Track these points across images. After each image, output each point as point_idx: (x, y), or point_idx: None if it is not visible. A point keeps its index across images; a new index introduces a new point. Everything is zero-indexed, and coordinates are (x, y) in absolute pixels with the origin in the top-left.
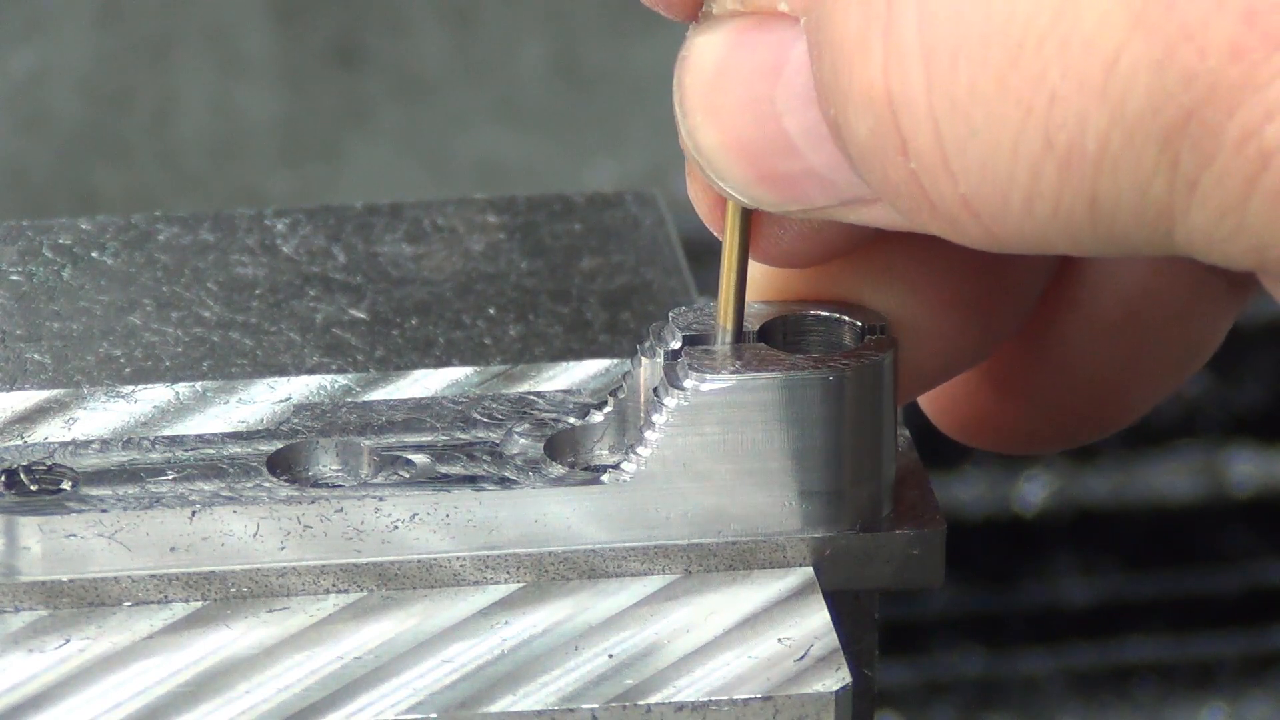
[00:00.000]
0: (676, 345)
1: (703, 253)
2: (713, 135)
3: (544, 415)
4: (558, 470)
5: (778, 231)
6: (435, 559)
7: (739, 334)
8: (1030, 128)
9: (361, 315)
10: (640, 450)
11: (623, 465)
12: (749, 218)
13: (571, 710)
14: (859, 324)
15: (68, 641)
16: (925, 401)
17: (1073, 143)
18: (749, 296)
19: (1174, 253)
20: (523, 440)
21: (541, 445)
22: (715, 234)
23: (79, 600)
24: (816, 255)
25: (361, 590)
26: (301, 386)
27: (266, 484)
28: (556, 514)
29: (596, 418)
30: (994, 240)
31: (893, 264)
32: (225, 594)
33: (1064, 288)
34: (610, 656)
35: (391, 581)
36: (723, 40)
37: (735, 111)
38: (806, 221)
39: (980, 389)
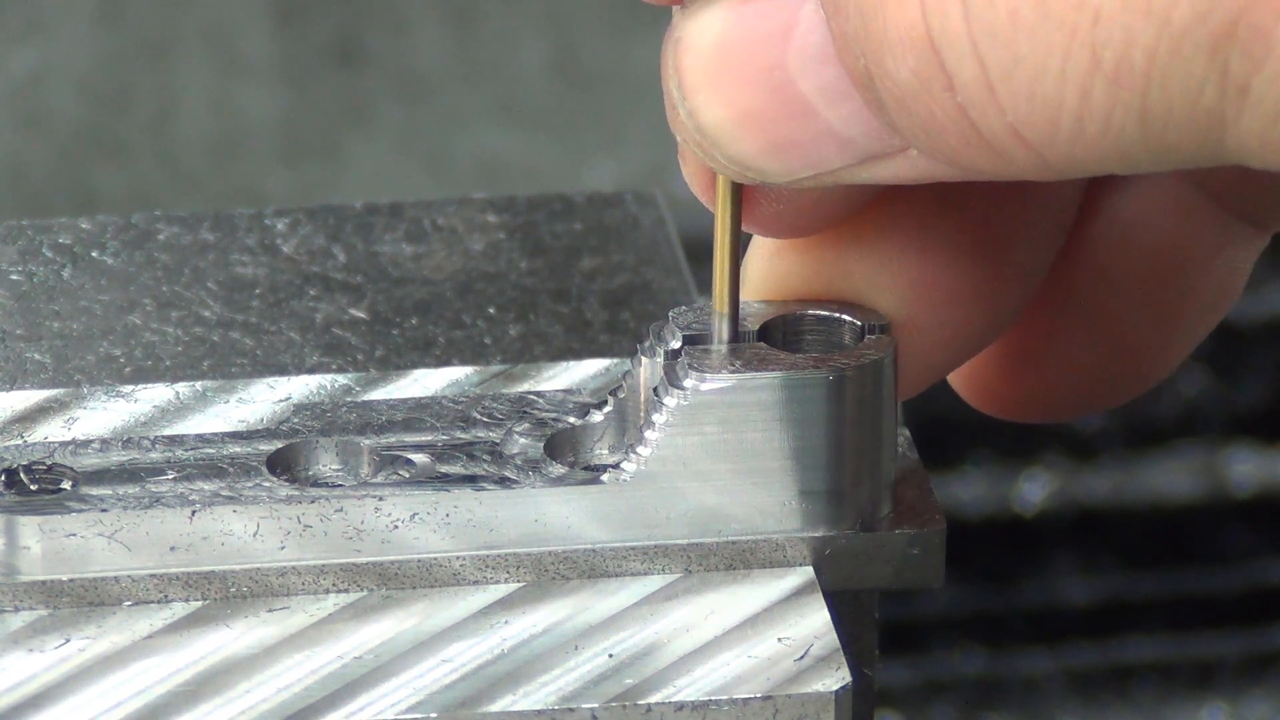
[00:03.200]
0: (676, 345)
1: (702, 252)
2: (719, 111)
3: (544, 415)
4: (558, 470)
5: (775, 207)
6: (435, 559)
7: (736, 320)
8: (1076, 49)
9: (361, 315)
10: (640, 450)
11: (623, 465)
12: (739, 200)
13: (571, 710)
14: (859, 323)
15: (68, 641)
16: (955, 379)
17: (1120, 59)
18: (749, 296)
19: (1225, 161)
20: (523, 440)
21: (541, 445)
22: (708, 207)
23: (79, 600)
24: (812, 224)
25: (361, 590)
26: (301, 386)
27: (266, 483)
28: (556, 513)
29: (596, 417)
30: (1045, 166)
31: (893, 259)
32: (225, 594)
33: (1083, 250)
34: (610, 656)
35: (391, 581)
36: (722, 15)
37: (744, 83)
38: (804, 193)
39: (1010, 360)
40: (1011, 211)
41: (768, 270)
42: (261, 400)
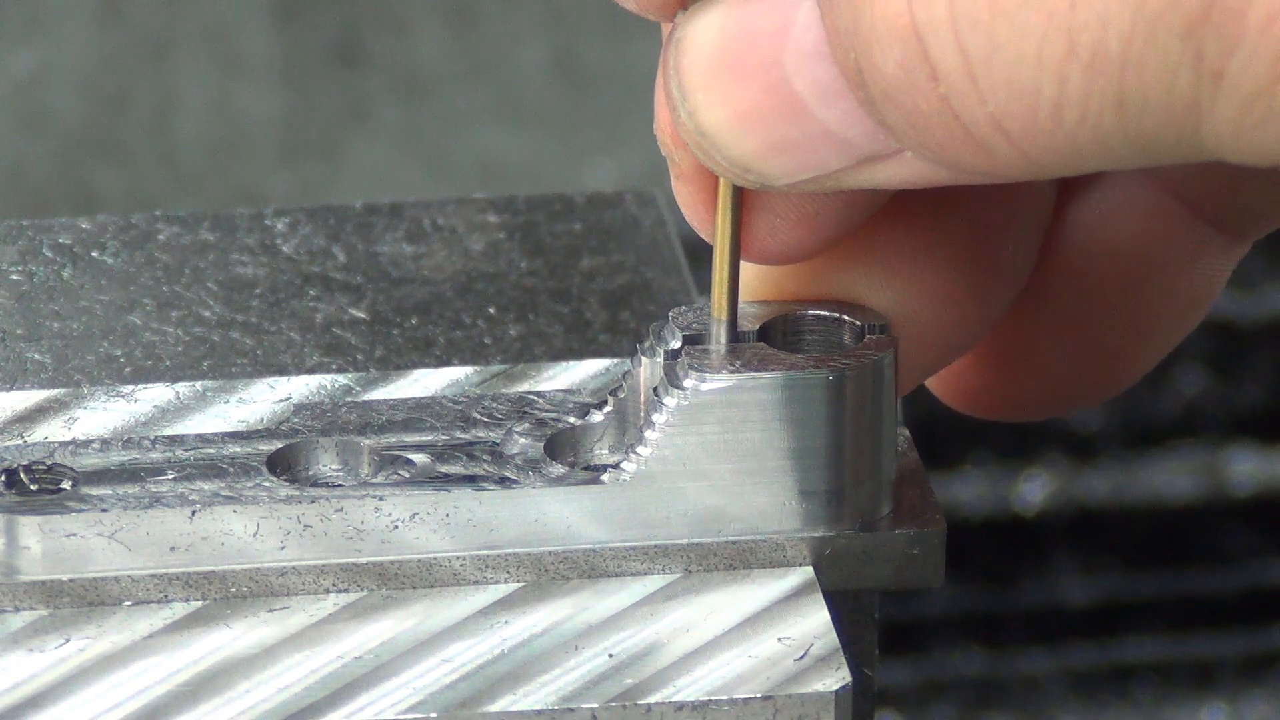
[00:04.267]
0: (676, 345)
1: (702, 252)
2: (718, 111)
3: (544, 415)
4: (558, 470)
5: (772, 222)
6: (435, 558)
7: (734, 325)
8: (1053, 33)
9: (361, 315)
10: (640, 450)
11: (623, 465)
12: (740, 207)
13: (571, 710)
14: (858, 323)
15: (68, 641)
16: (931, 380)
17: (1096, 44)
18: (747, 297)
19: (1202, 154)
20: (523, 440)
21: (541, 445)
22: (703, 236)
23: (79, 600)
24: (809, 246)
25: (361, 590)
26: (301, 386)
27: (266, 483)
28: (556, 513)
29: (596, 417)
30: (1026, 161)
31: (886, 259)
32: (225, 593)
33: (1055, 252)
34: (610, 656)
35: (391, 581)
36: (721, 16)
37: (742, 82)
38: (801, 208)
39: (986, 361)
40: (998, 208)
41: (764, 273)
42: (261, 400)
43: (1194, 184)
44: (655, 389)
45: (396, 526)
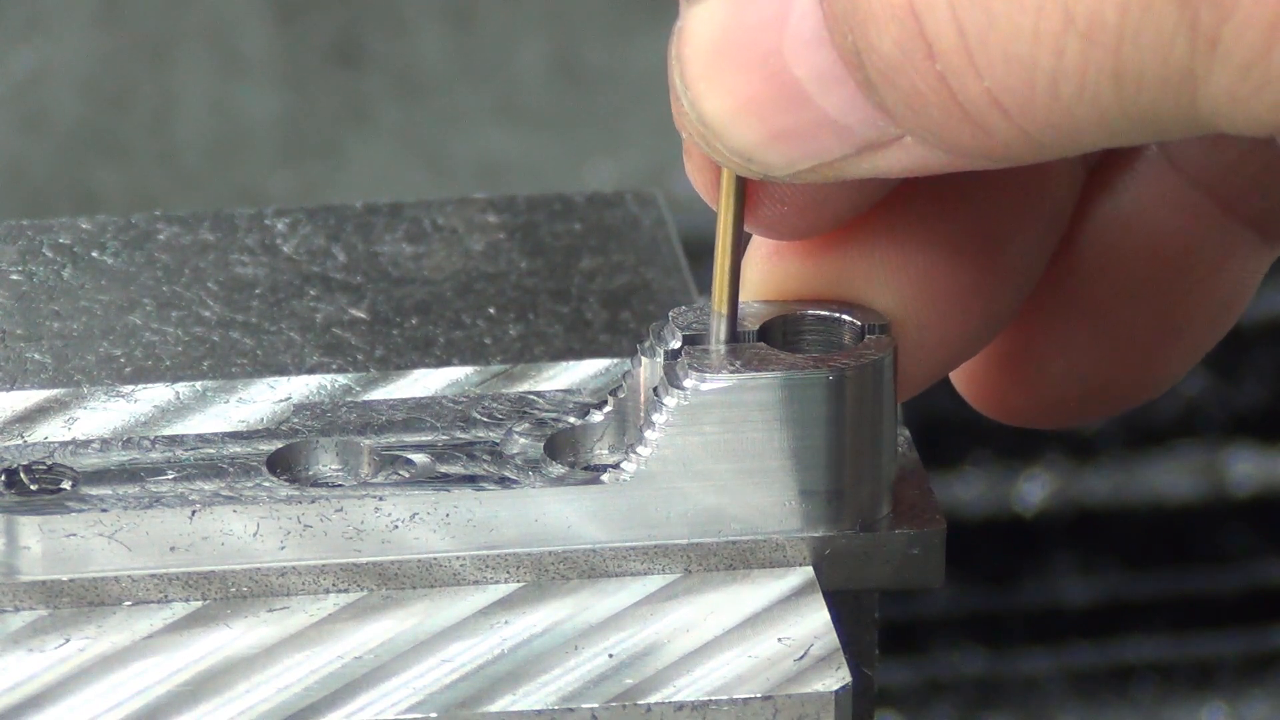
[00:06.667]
0: (676, 345)
1: (702, 252)
2: (718, 100)
3: (544, 415)
4: (558, 470)
5: (779, 209)
6: (435, 559)
7: (735, 321)
8: (1049, 5)
9: (361, 315)
10: (640, 450)
11: (623, 465)
12: (742, 199)
13: (571, 710)
14: (859, 323)
15: (68, 641)
16: (961, 384)
17: (1093, 15)
18: (748, 296)
19: (1200, 125)
20: (523, 440)
21: (541, 445)
22: (714, 208)
23: (79, 600)
24: (817, 228)
25: (361, 590)
26: (301, 386)
27: (266, 483)
28: (556, 514)
29: (596, 417)
30: (1025, 138)
31: (888, 259)
32: (225, 593)
33: (1081, 250)
34: (610, 656)
35: (391, 581)
36: (720, 4)
37: (741, 71)
38: (807, 194)
39: (1015, 365)
40: (1006, 209)
41: (766, 271)
42: (261, 400)
43: (1226, 180)
44: (655, 389)
45: (396, 526)
